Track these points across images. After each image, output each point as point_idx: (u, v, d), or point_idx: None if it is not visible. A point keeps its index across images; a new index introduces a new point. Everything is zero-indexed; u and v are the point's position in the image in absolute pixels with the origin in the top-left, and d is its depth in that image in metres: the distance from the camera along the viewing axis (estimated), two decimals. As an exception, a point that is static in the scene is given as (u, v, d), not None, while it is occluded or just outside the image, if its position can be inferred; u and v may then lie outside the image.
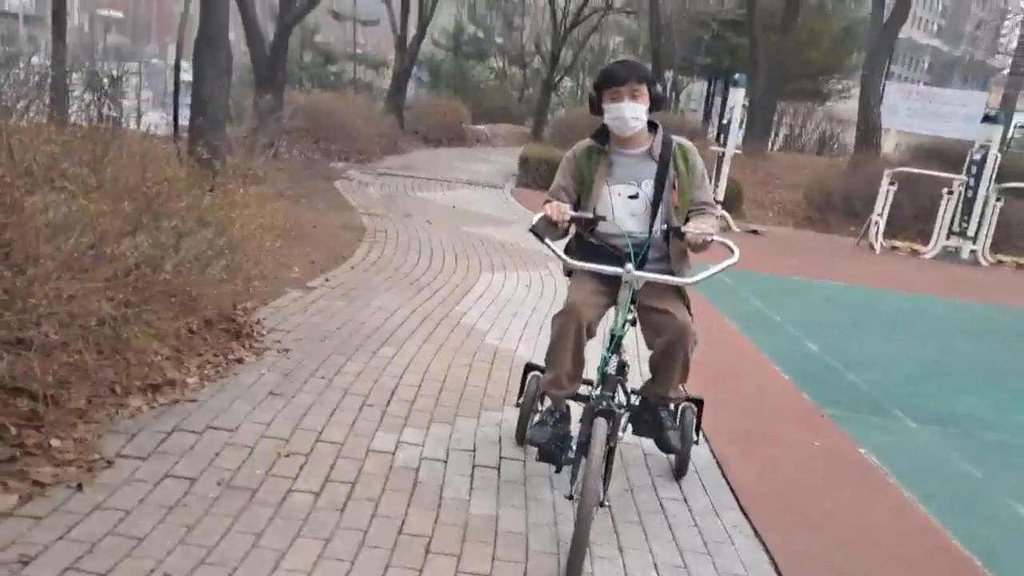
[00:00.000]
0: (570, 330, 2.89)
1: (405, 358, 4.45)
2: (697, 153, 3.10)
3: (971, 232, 12.09)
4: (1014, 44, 29.14)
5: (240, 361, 4.05)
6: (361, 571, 2.50)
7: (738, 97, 12.54)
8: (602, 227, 3.02)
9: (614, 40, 31.37)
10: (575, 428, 2.96)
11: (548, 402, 3.11)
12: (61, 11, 8.85)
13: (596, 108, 3.01)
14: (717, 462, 3.66)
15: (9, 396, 2.97)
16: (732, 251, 2.78)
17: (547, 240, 2.86)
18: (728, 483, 3.48)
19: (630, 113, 2.92)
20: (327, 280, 5.89)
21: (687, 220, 3.02)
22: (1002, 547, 3.26)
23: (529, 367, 3.47)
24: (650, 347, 3.08)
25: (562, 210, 2.87)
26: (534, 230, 2.86)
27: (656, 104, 2.98)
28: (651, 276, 2.80)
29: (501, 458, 3.38)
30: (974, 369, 6.26)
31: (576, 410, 3.06)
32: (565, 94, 27.63)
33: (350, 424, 3.51)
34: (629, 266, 2.73)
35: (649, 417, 3.17)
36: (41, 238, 3.18)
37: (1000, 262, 12.34)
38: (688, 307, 3.03)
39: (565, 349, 2.91)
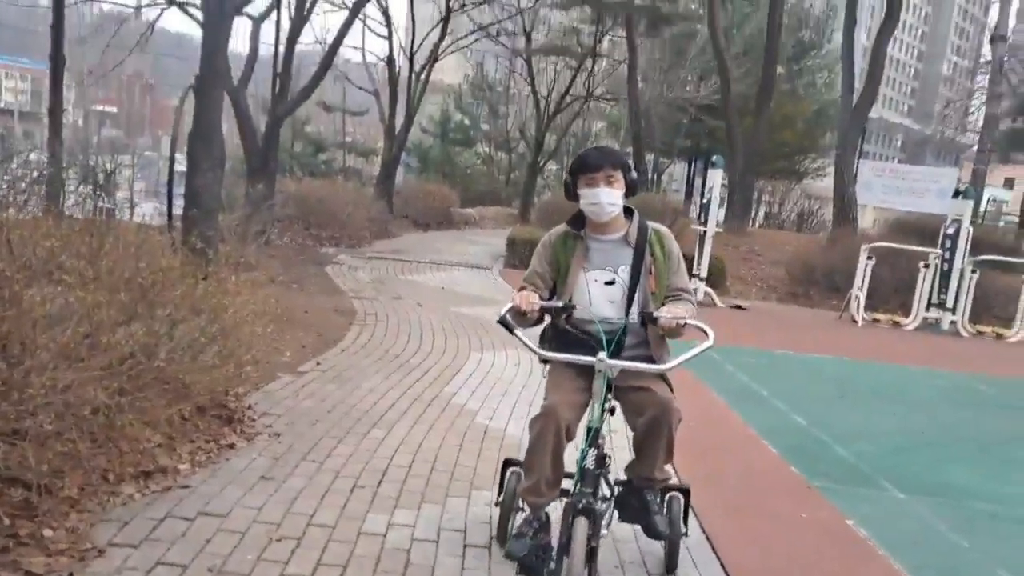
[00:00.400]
0: (548, 435, 2.79)
1: (396, 439, 4.50)
2: (673, 239, 3.10)
3: (949, 303, 12.32)
4: (981, 122, 30.31)
5: (232, 447, 4.08)
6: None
7: (716, 177, 12.92)
8: (577, 314, 2.97)
9: (596, 125, 32.33)
10: (556, 533, 2.84)
11: (526, 510, 2.96)
12: (57, 107, 9.16)
13: (571, 194, 3.02)
14: (707, 537, 3.68)
15: (3, 486, 3.00)
16: (707, 334, 2.73)
17: (517, 331, 2.76)
18: (719, 558, 3.50)
19: (606, 199, 2.91)
20: (318, 364, 5.95)
21: (662, 306, 2.97)
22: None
23: (508, 463, 3.34)
24: (633, 428, 3.01)
25: (530, 300, 2.79)
26: (502, 321, 2.77)
27: (631, 190, 2.99)
28: (624, 364, 2.75)
29: (492, 538, 3.39)
30: (960, 439, 6.32)
31: (557, 511, 2.93)
32: (550, 177, 28.27)
33: (341, 506, 3.54)
34: (602, 355, 2.67)
35: (635, 501, 3.08)
36: (38, 329, 3.27)
37: (980, 332, 12.52)
38: (669, 385, 2.99)
39: (544, 455, 2.81)
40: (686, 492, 3.28)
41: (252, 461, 3.92)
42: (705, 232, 12.59)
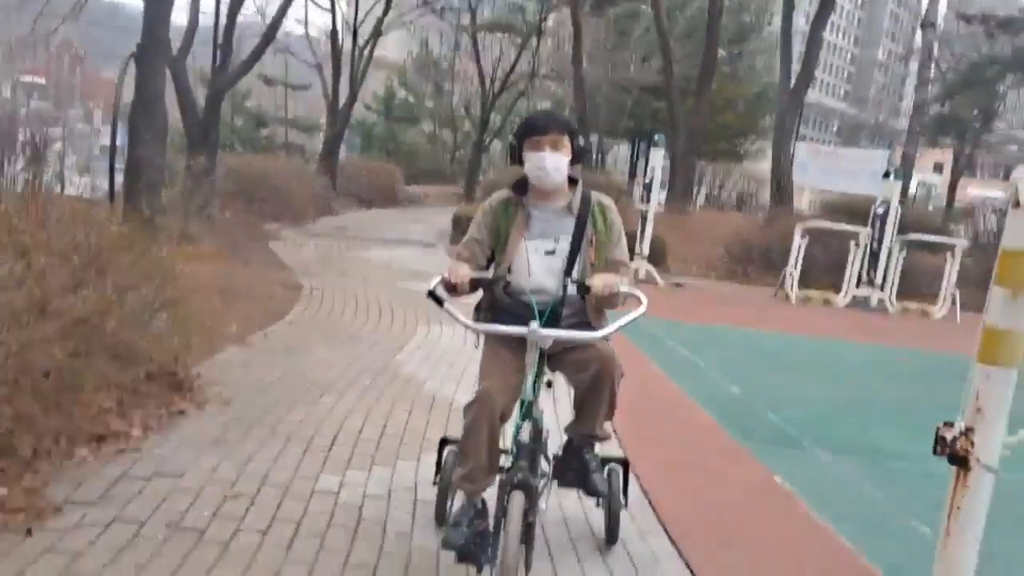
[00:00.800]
0: (482, 422, 2.70)
1: (346, 406, 4.60)
2: (616, 211, 3.02)
3: (878, 281, 12.87)
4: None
5: (182, 413, 4.14)
6: (311, 599, 2.63)
7: (658, 157, 13.20)
8: (514, 284, 2.88)
9: (541, 104, 32.46)
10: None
11: (462, 497, 2.85)
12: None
13: (516, 158, 2.91)
14: (644, 492, 3.90)
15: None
16: (640, 300, 2.66)
17: (446, 304, 2.64)
18: (655, 511, 3.71)
19: (551, 164, 2.81)
20: (265, 336, 5.99)
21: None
22: (907, 563, 3.55)
23: (444, 441, 3.28)
24: (576, 387, 2.95)
25: (460, 272, 2.69)
26: (432, 294, 2.65)
27: (577, 157, 2.90)
28: (556, 333, 2.66)
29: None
30: (882, 406, 6.70)
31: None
32: (495, 156, 28.33)
33: (294, 467, 3.64)
34: (534, 324, 2.57)
35: (574, 462, 3.04)
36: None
37: (906, 309, 13.11)
38: (609, 344, 2.91)
39: (478, 442, 2.72)
40: (625, 464, 3.31)
41: (204, 426, 3.99)
42: (647, 211, 12.87)
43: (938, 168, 52.15)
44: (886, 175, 13.30)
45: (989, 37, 21.82)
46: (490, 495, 2.78)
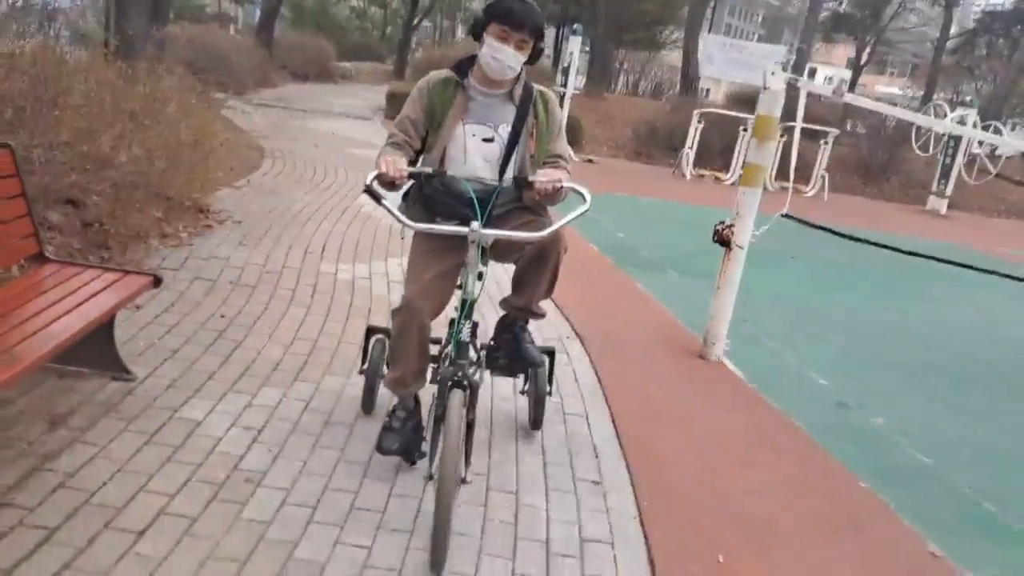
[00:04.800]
0: (411, 330, 2.70)
1: (326, 228, 6.17)
2: (557, 103, 2.94)
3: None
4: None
5: (209, 227, 5.64)
6: (319, 320, 4.30)
7: (576, 44, 14.56)
8: (449, 171, 2.77)
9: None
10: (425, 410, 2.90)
11: (393, 400, 2.91)
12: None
13: (476, 34, 2.76)
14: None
15: (84, 229, 4.50)
16: (584, 198, 2.58)
17: (384, 201, 2.50)
18: (559, 307, 5.47)
19: (510, 61, 2.69)
20: (248, 182, 7.42)
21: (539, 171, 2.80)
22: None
23: (371, 330, 3.30)
24: (515, 261, 2.89)
25: (398, 166, 2.55)
26: (368, 190, 2.52)
27: (533, 59, 2.77)
28: (499, 233, 2.54)
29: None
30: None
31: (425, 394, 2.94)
32: (426, 36, 28.86)
33: (301, 260, 5.25)
34: (475, 224, 2.48)
35: (507, 339, 3.07)
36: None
37: (783, 187, 15.16)
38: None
39: (408, 348, 2.73)
40: (551, 354, 3.32)
41: (228, 235, 5.52)
42: (564, 94, 14.35)
43: (851, 64, 54.56)
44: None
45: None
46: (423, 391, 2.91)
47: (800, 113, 5.00)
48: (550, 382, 3.33)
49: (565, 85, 14.62)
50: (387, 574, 2.34)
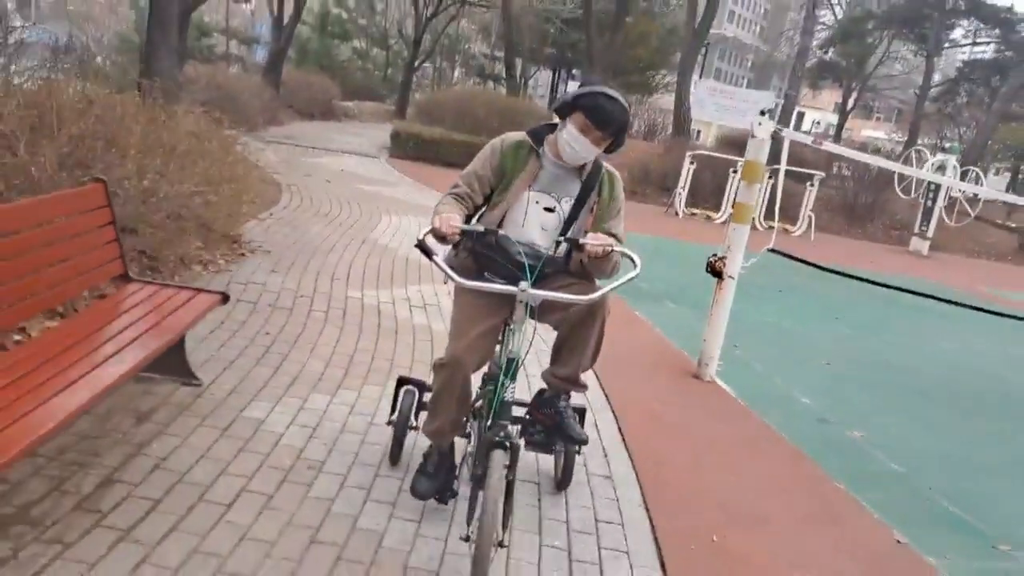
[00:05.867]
0: (455, 386, 2.72)
1: (348, 258, 6.66)
2: (622, 185, 2.96)
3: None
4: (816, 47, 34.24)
5: (243, 255, 6.12)
6: (353, 339, 4.77)
7: (574, 88, 15.24)
8: (504, 233, 2.80)
9: (466, 24, 33.76)
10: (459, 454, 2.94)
11: (427, 442, 2.96)
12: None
13: (559, 112, 2.78)
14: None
15: (138, 255, 4.97)
16: (635, 262, 2.61)
17: (435, 257, 2.52)
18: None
19: (585, 152, 2.74)
20: (271, 215, 7.92)
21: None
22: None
23: (402, 381, 3.30)
24: (557, 326, 2.89)
25: (452, 224, 2.58)
26: (420, 246, 2.53)
27: (611, 150, 2.79)
28: (549, 295, 2.55)
29: (429, 303, 5.68)
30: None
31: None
32: (425, 77, 29.69)
33: (329, 286, 5.72)
34: (524, 284, 2.50)
35: (548, 410, 2.99)
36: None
37: (771, 227, 15.75)
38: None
39: (449, 403, 2.75)
40: (582, 412, 3.19)
41: (260, 263, 5.99)
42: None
43: (838, 109, 55.97)
44: (762, 113, 15.71)
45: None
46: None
47: (784, 158, 5.55)
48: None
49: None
50: (436, 537, 2.79)
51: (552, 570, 2.78)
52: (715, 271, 5.11)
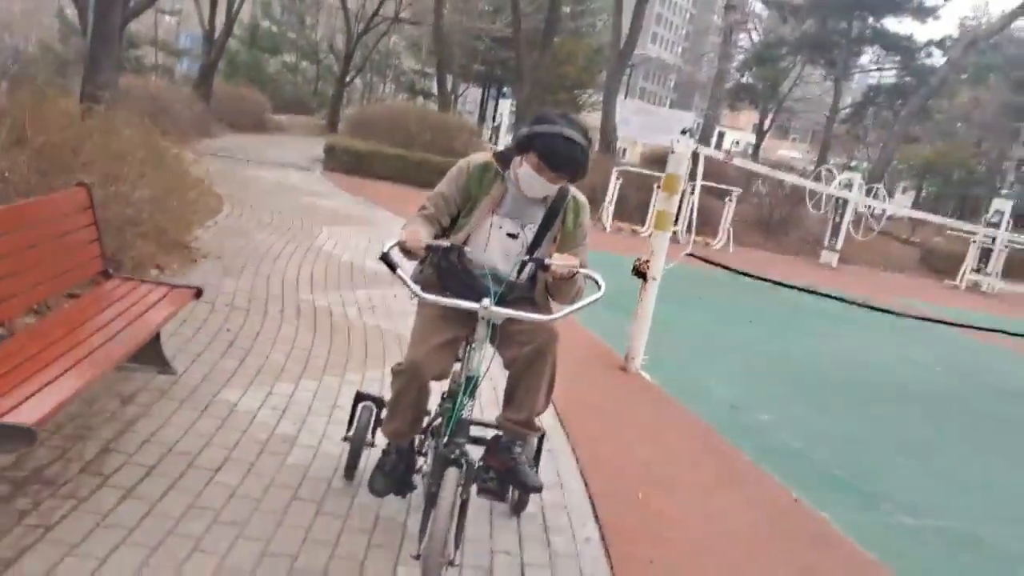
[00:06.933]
0: (411, 392, 2.74)
1: (294, 264, 6.99)
2: (588, 212, 2.93)
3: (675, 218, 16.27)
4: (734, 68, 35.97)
5: (194, 261, 6.39)
6: (309, 335, 5.14)
7: (506, 105, 15.88)
8: (471, 254, 2.78)
9: (400, 41, 34.17)
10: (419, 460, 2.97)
11: (388, 443, 2.96)
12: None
13: (517, 148, 2.74)
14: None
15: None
16: (599, 285, 2.59)
17: (399, 271, 2.52)
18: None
19: (543, 190, 2.73)
20: (216, 224, 8.16)
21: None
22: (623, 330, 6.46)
23: (360, 397, 3.27)
24: (509, 365, 2.80)
25: (417, 238, 2.61)
26: (385, 258, 2.53)
27: (573, 180, 2.76)
28: (511, 312, 2.54)
29: (377, 306, 6.08)
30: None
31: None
32: (355, 92, 29.91)
33: (280, 288, 6.06)
34: (487, 301, 2.49)
35: (503, 456, 2.85)
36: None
37: (694, 240, 16.61)
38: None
39: (406, 407, 2.78)
40: (540, 437, 3.16)
41: (212, 267, 6.29)
42: (494, 151, 15.54)
43: (754, 128, 58.46)
44: (683, 132, 16.62)
45: (783, 21, 25.92)
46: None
47: (700, 172, 6.17)
48: (536, 463, 3.13)
49: (494, 142, 15.83)
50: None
51: (503, 522, 3.23)
52: (640, 273, 5.67)
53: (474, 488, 2.79)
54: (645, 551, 3.24)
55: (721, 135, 52.48)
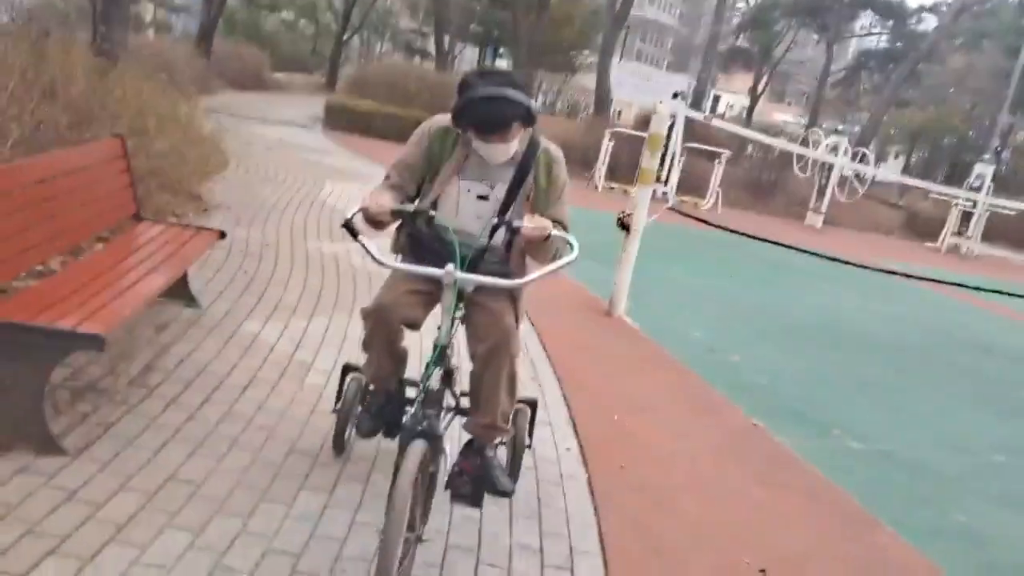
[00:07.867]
0: (380, 332, 2.69)
1: (301, 215, 7.41)
2: (563, 164, 2.78)
3: (663, 178, 16.65)
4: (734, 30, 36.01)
5: (206, 211, 6.80)
6: (319, 278, 5.58)
7: (502, 65, 16.09)
8: (439, 219, 2.66)
9: (398, 2, 34.11)
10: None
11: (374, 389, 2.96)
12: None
13: (456, 126, 2.61)
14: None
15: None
16: (572, 247, 2.48)
17: (361, 238, 2.44)
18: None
19: (501, 155, 2.59)
20: (224, 177, 8.55)
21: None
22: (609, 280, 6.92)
23: (347, 368, 3.20)
24: (472, 356, 2.74)
25: (381, 202, 2.50)
26: (347, 225, 2.46)
27: (530, 123, 2.58)
28: (474, 278, 2.43)
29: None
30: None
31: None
32: (353, 51, 29.95)
33: (289, 236, 6.48)
34: (451, 267, 2.37)
35: (475, 460, 2.77)
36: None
37: (683, 200, 17.05)
38: (516, 316, 2.76)
39: (379, 350, 2.76)
40: (533, 404, 3.19)
41: (224, 217, 6.70)
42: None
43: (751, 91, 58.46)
44: (674, 95, 16.93)
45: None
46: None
47: (678, 132, 6.57)
48: (530, 435, 3.15)
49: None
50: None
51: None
52: (623, 225, 6.10)
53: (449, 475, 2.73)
54: (618, 459, 3.73)
55: (716, 98, 52.55)
